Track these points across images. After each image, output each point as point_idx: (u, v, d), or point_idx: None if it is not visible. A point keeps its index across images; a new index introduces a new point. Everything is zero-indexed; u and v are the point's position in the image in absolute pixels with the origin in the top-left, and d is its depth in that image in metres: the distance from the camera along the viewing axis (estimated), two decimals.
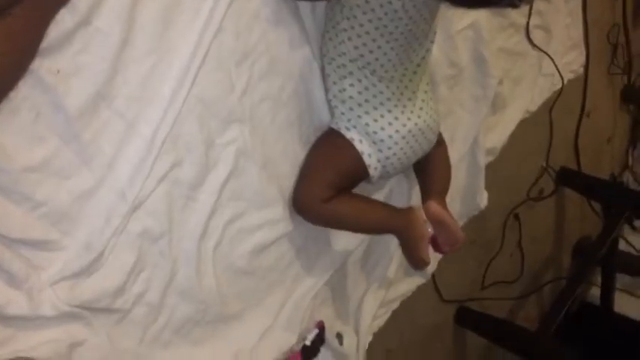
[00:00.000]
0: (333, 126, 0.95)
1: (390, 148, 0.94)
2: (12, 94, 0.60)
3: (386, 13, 0.84)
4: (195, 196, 0.83)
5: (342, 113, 0.94)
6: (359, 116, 0.93)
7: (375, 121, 0.93)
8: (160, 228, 0.80)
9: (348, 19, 0.86)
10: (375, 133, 0.93)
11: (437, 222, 0.97)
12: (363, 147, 0.93)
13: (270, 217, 0.93)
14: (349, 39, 0.88)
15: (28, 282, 0.68)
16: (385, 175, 0.98)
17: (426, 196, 1.02)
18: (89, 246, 0.72)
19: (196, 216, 0.84)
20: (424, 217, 0.97)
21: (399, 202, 1.12)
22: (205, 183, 0.84)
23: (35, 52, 0.55)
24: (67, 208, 0.70)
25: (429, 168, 1.04)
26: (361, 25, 0.86)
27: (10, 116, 0.64)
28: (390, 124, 0.93)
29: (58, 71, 0.65)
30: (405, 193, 1.17)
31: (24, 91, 0.63)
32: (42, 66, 0.64)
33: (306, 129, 0.96)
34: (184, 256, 0.84)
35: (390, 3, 0.83)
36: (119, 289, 0.77)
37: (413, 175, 1.10)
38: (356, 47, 0.88)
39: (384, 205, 1.03)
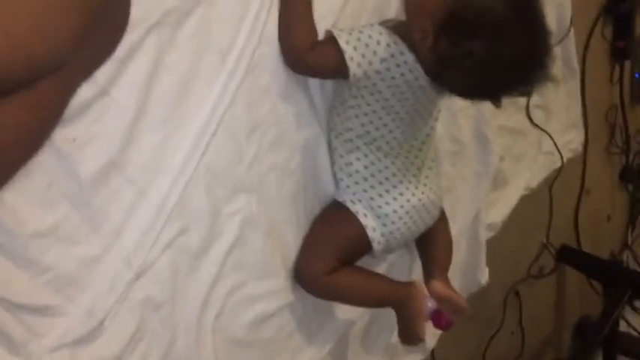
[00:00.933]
0: (338, 198, 0.96)
1: (394, 223, 0.95)
2: None
3: (393, 94, 0.87)
4: (198, 264, 0.83)
5: (348, 186, 0.95)
6: (364, 190, 0.94)
7: (380, 195, 0.94)
8: (162, 296, 0.80)
9: (355, 97, 0.88)
10: (379, 207, 0.94)
11: (443, 300, 0.96)
12: (367, 221, 0.94)
13: (271, 287, 0.93)
14: (356, 116, 0.90)
15: (27, 348, 0.67)
16: (388, 250, 0.98)
17: (428, 273, 1.02)
18: (91, 313, 0.72)
19: (199, 285, 0.84)
20: (425, 292, 0.97)
21: (400, 276, 1.12)
22: (210, 252, 0.84)
23: (57, 123, 0.56)
24: (72, 274, 0.70)
25: (432, 243, 1.04)
26: (368, 104, 0.88)
27: (24, 181, 0.65)
28: (394, 199, 0.94)
29: (74, 140, 0.67)
30: (406, 267, 1.17)
31: (40, 157, 0.64)
32: (58, 134, 0.65)
33: (311, 200, 0.97)
34: (184, 326, 0.83)
35: (398, 86, 0.86)
36: (117, 359, 0.76)
37: (414, 249, 1.10)
38: (362, 124, 0.90)
39: (385, 279, 1.03)
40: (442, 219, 1.06)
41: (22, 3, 0.51)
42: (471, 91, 0.87)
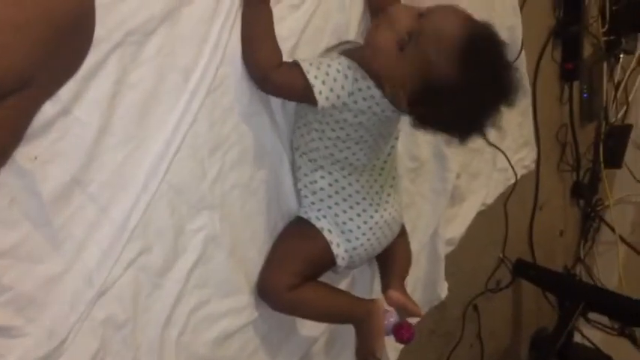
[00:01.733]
0: (303, 215, 0.98)
1: (357, 239, 0.96)
2: None
3: (360, 123, 0.89)
4: (161, 282, 0.83)
5: (313, 203, 0.97)
6: (329, 207, 0.96)
7: (344, 212, 0.96)
8: (125, 315, 0.79)
9: (320, 123, 0.90)
10: (344, 223, 0.96)
11: (399, 307, 0.98)
12: (332, 237, 0.96)
13: (235, 304, 0.93)
14: (320, 139, 0.92)
15: None
16: (351, 266, 1.00)
17: (386, 282, 1.04)
18: (52, 333, 0.71)
19: (161, 303, 0.84)
20: (386, 307, 0.99)
21: (361, 291, 1.14)
22: (173, 269, 0.84)
23: (19, 142, 0.56)
24: (33, 294, 0.69)
25: (390, 255, 1.06)
26: (333, 130, 0.90)
27: None
28: (358, 215, 0.96)
29: (36, 158, 0.67)
30: (367, 282, 1.18)
31: (0, 176, 0.64)
32: (20, 152, 0.65)
33: (274, 217, 0.98)
34: (147, 345, 0.82)
35: (365, 115, 0.88)
36: None
37: (375, 264, 1.12)
38: (326, 147, 0.92)
39: (347, 295, 1.04)
40: (402, 232, 1.08)
41: None
42: (443, 131, 0.89)
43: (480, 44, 0.80)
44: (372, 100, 0.87)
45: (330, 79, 0.85)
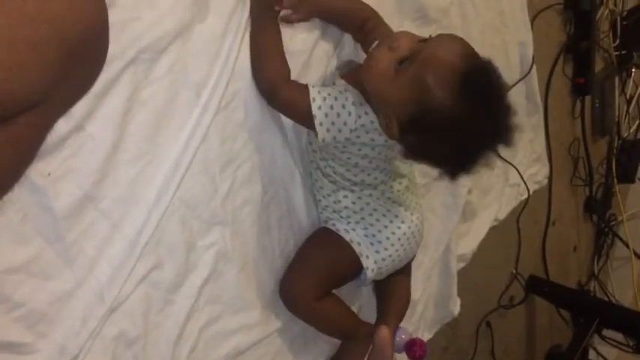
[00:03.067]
0: (330, 227, 0.98)
1: (386, 250, 0.97)
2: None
3: (365, 154, 0.89)
4: (173, 298, 0.83)
5: (341, 218, 0.97)
6: (356, 222, 0.97)
7: (372, 225, 0.97)
8: (136, 331, 0.79)
9: (335, 147, 0.90)
10: (373, 235, 0.97)
11: (379, 348, 0.97)
12: (361, 249, 0.96)
13: (246, 321, 0.93)
14: (333, 166, 0.93)
15: None
16: (377, 277, 1.00)
17: (381, 317, 1.04)
18: (64, 349, 0.71)
19: (173, 319, 0.83)
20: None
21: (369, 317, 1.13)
22: (184, 285, 0.84)
23: (34, 158, 0.57)
24: (45, 310, 0.69)
25: (393, 293, 1.06)
26: (342, 160, 0.91)
27: None
28: (386, 226, 0.97)
29: (49, 174, 0.67)
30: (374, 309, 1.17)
31: (14, 191, 0.64)
32: (33, 168, 0.65)
33: (285, 233, 0.98)
34: None
35: (368, 147, 0.88)
36: None
37: None
38: (342, 172, 0.93)
39: (355, 314, 1.06)
40: (407, 272, 1.08)
41: (1, 40, 0.51)
42: (432, 164, 0.87)
43: (479, 77, 0.77)
44: (375, 132, 0.86)
45: (334, 114, 0.85)
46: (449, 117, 0.77)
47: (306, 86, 0.86)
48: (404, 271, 1.06)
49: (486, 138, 0.80)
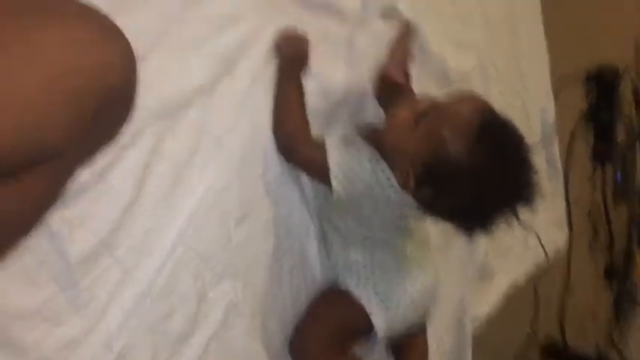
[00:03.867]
0: (341, 284, 0.97)
1: (397, 308, 0.96)
2: None
3: (387, 204, 0.89)
4: (181, 349, 0.83)
5: (351, 276, 0.97)
6: (367, 278, 0.96)
7: (383, 282, 0.96)
8: None
9: (350, 201, 0.90)
10: (384, 293, 0.96)
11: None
12: (371, 306, 0.95)
13: None
14: (345, 226, 0.94)
15: None
16: (390, 335, 0.98)
17: None
18: None
19: None
20: None
21: None
22: (193, 336, 0.84)
23: (53, 205, 0.57)
24: (52, 357, 0.69)
25: (409, 348, 1.05)
26: (362, 213, 0.91)
27: (13, 260, 0.65)
28: (397, 283, 0.96)
29: (68, 221, 0.68)
30: None
31: (32, 239, 0.65)
32: (53, 215, 0.67)
33: (296, 285, 0.97)
34: None
35: (382, 202, 0.88)
36: None
37: None
38: (360, 224, 0.93)
39: None
40: (423, 329, 1.07)
41: (37, 90, 0.53)
42: (448, 219, 0.86)
43: (495, 130, 0.78)
44: (390, 189, 0.86)
45: (349, 168, 0.86)
46: (464, 168, 0.77)
47: (323, 141, 0.88)
48: (420, 328, 1.04)
49: (503, 192, 0.79)
